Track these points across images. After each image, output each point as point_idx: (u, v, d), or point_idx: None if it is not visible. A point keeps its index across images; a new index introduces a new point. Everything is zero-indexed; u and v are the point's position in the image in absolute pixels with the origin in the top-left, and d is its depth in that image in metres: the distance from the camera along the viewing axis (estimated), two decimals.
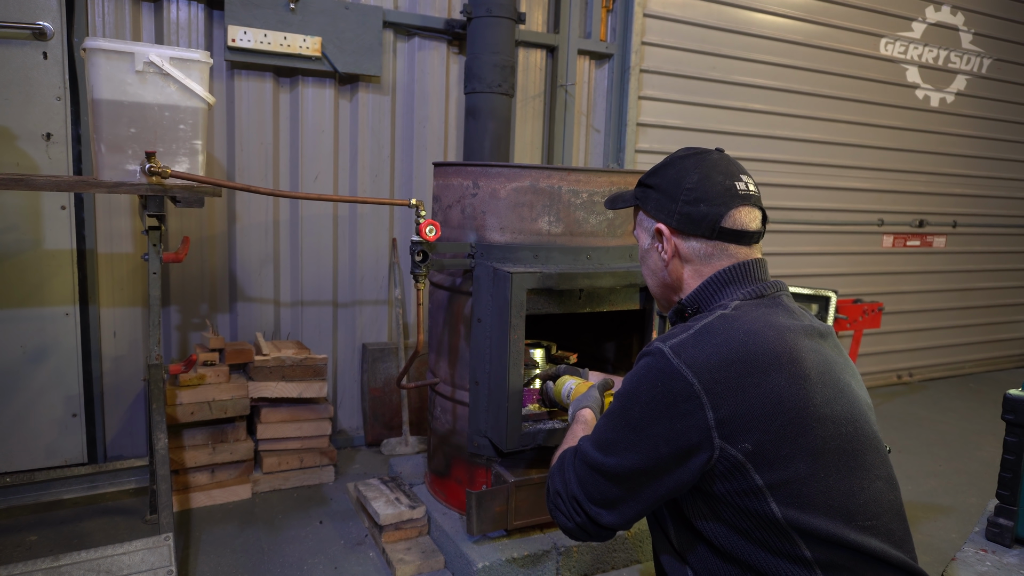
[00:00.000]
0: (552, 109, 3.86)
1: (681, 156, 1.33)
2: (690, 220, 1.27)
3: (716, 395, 1.08)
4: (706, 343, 1.13)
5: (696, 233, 1.27)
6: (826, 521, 1.07)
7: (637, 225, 1.41)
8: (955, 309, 5.65)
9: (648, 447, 1.13)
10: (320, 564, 2.50)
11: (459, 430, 2.57)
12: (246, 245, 3.28)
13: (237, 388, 2.91)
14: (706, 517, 1.16)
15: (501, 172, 2.36)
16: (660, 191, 1.31)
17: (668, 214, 1.29)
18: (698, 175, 1.27)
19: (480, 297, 2.34)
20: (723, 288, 1.27)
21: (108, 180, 2.23)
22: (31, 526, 2.64)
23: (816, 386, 1.12)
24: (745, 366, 1.10)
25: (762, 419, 1.08)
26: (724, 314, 1.19)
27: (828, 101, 4.69)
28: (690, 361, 1.11)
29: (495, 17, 3.24)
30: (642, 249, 1.39)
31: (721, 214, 1.25)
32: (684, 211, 1.27)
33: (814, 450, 1.09)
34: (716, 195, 1.26)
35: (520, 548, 2.35)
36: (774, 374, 1.10)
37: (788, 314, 1.23)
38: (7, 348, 2.74)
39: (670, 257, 1.31)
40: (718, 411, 1.08)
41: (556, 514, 1.28)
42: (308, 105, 3.33)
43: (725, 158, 1.32)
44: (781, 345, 1.13)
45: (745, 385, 1.09)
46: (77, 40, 2.76)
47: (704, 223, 1.26)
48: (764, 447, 1.07)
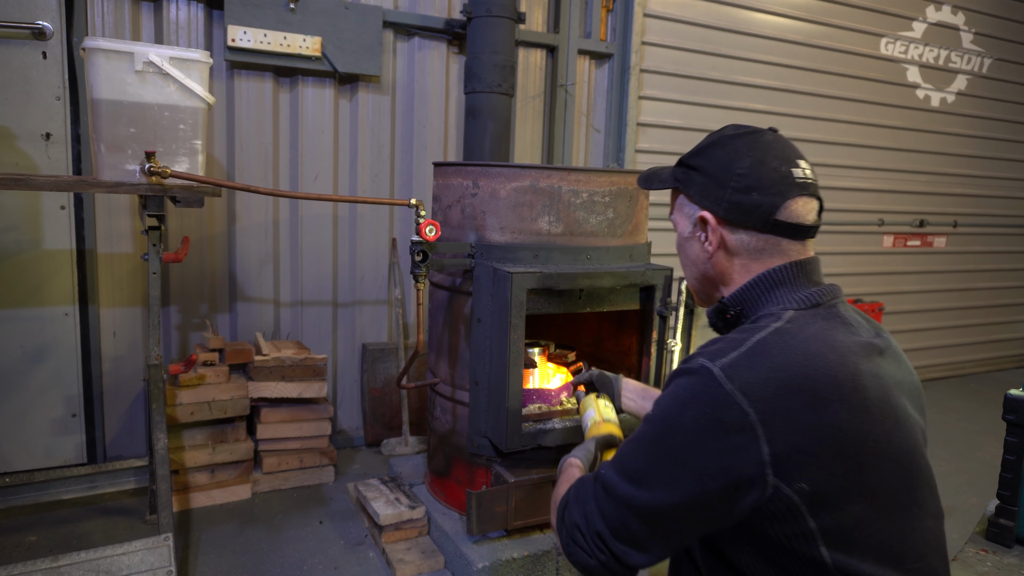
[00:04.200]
0: (552, 109, 3.86)
1: (731, 135, 1.17)
2: (740, 210, 1.12)
3: (772, 427, 0.95)
4: (761, 365, 0.99)
5: (746, 225, 1.12)
6: (876, 567, 0.99)
7: (675, 209, 1.24)
8: (955, 309, 5.64)
9: (691, 481, 0.98)
10: (320, 564, 2.50)
11: (459, 430, 2.57)
12: (246, 245, 3.28)
13: (237, 388, 2.91)
14: (742, 551, 1.05)
15: (501, 172, 2.36)
16: (706, 174, 1.15)
17: (715, 201, 1.14)
18: (751, 159, 1.12)
19: (480, 297, 2.34)
20: (773, 290, 1.13)
21: (108, 180, 2.23)
22: (30, 526, 2.64)
23: (876, 420, 1.01)
24: (805, 395, 0.97)
25: (820, 457, 0.96)
26: (779, 328, 1.05)
27: (828, 101, 4.69)
28: (745, 386, 0.97)
29: (495, 17, 3.24)
30: (681, 236, 1.24)
31: (776, 205, 1.10)
32: (734, 199, 1.12)
33: (871, 491, 0.99)
34: (771, 183, 1.10)
35: (520, 548, 2.34)
36: (835, 406, 0.98)
37: (847, 329, 1.10)
38: (7, 348, 2.74)
39: (715, 249, 1.16)
40: (774, 445, 0.95)
41: (574, 549, 1.12)
42: (308, 105, 3.33)
43: (780, 139, 1.17)
44: (843, 372, 1.00)
45: (804, 418, 0.97)
46: (77, 40, 2.76)
47: (756, 214, 1.11)
48: (821, 488, 0.96)
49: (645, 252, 2.60)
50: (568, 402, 2.64)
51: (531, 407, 2.52)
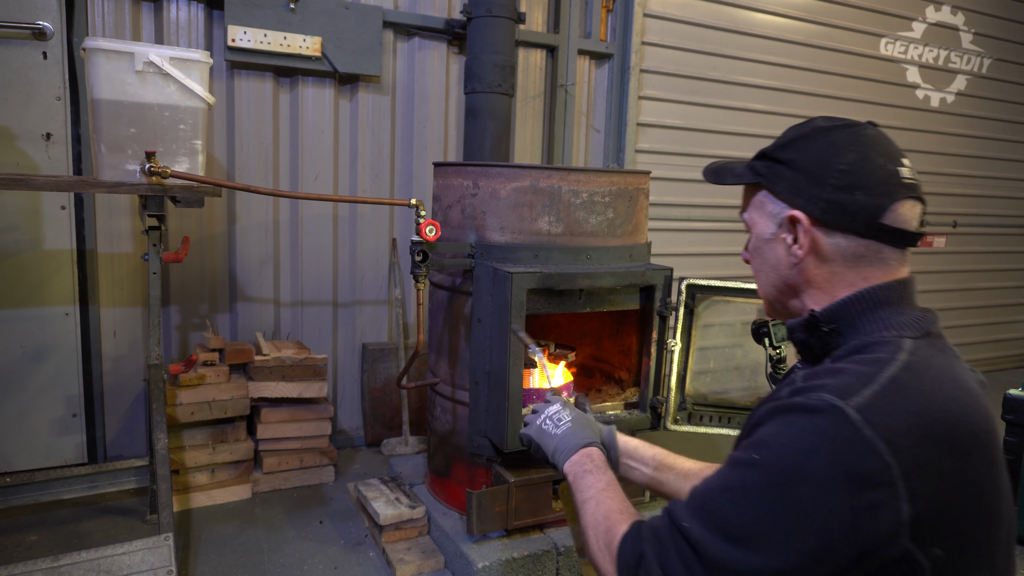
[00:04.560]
0: (552, 109, 3.86)
1: (825, 127, 1.04)
2: (841, 210, 0.99)
3: (914, 483, 0.81)
4: (899, 407, 0.84)
5: (846, 227, 0.99)
6: None
7: (752, 207, 1.11)
8: (955, 309, 5.64)
9: (813, 545, 0.82)
10: (320, 564, 2.50)
11: (459, 430, 2.57)
12: (246, 245, 3.28)
13: (237, 388, 2.91)
14: None
15: (501, 172, 2.36)
16: (798, 169, 1.03)
17: (810, 200, 1.01)
18: (854, 154, 0.99)
19: (480, 297, 2.34)
20: (877, 309, 0.99)
21: (108, 180, 2.23)
22: (31, 526, 2.64)
23: (1001, 473, 0.90)
24: (945, 446, 0.84)
25: (960, 518, 0.85)
26: (909, 363, 0.90)
27: (828, 101, 4.69)
28: (887, 433, 0.82)
29: (495, 17, 3.24)
30: (759, 238, 1.10)
31: (883, 206, 0.97)
32: (834, 198, 0.99)
33: (994, 555, 0.90)
34: (878, 182, 0.98)
35: (520, 548, 2.34)
36: (974, 459, 0.86)
37: (960, 364, 0.97)
38: (7, 348, 2.74)
39: (805, 253, 1.03)
40: (915, 504, 0.81)
41: None
42: (308, 105, 3.33)
43: (882, 134, 1.05)
44: (979, 419, 0.88)
45: (945, 471, 0.84)
46: (77, 40, 2.76)
47: (860, 216, 0.98)
48: (954, 554, 0.84)
49: (645, 252, 2.60)
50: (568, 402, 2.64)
51: (531, 407, 2.52)
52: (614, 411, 2.57)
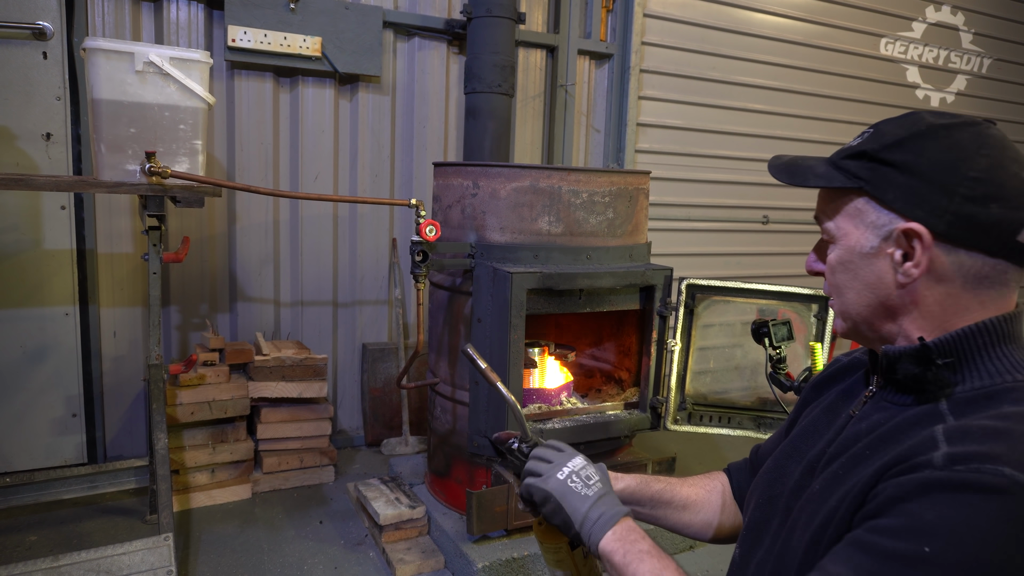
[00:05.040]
0: (552, 109, 3.86)
1: (945, 125, 0.87)
2: (972, 225, 0.83)
3: None
4: None
5: (974, 245, 0.85)
6: None
7: (842, 215, 0.93)
8: None
9: None
10: (320, 564, 2.50)
11: (459, 430, 2.57)
12: (246, 245, 3.28)
13: (237, 388, 2.91)
14: None
15: (501, 172, 2.36)
16: (917, 175, 0.86)
17: (933, 212, 0.84)
18: (987, 159, 0.84)
19: (480, 297, 2.34)
20: (1002, 344, 0.86)
21: (108, 180, 2.23)
22: (31, 526, 2.64)
23: None
24: None
25: None
26: None
27: (828, 101, 4.69)
28: None
29: (495, 17, 3.24)
30: (853, 251, 0.92)
31: (1021, 221, 0.83)
32: (964, 211, 0.83)
33: None
34: (1015, 193, 0.83)
35: (520, 548, 2.34)
36: None
37: None
38: (7, 348, 2.74)
39: (921, 272, 0.86)
40: None
41: None
42: (308, 105, 3.33)
43: (1007, 137, 0.89)
44: None
45: None
46: (77, 40, 2.76)
47: (994, 232, 0.83)
48: None
49: (645, 252, 2.60)
50: (569, 402, 2.65)
51: (531, 407, 2.53)
52: (614, 411, 2.57)
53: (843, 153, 0.94)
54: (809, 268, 1.03)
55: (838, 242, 0.94)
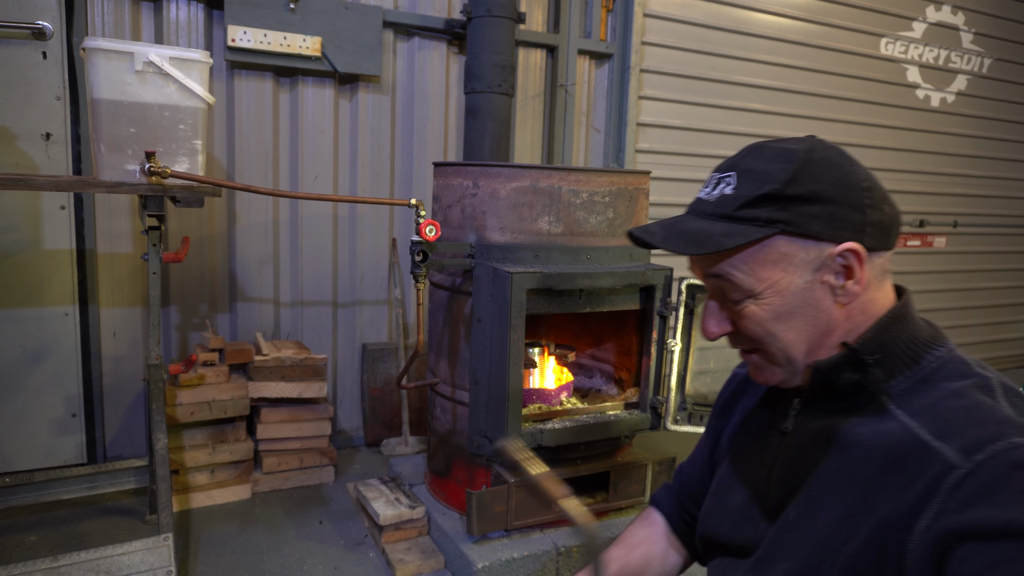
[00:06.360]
0: (552, 109, 3.86)
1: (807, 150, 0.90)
2: (881, 230, 0.89)
3: None
4: None
5: (884, 245, 0.91)
6: None
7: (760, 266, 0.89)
8: (955, 309, 5.64)
9: None
10: (320, 564, 2.50)
11: (459, 430, 2.57)
12: (246, 245, 3.28)
13: (237, 388, 2.91)
14: None
15: (501, 172, 2.36)
16: (828, 200, 0.87)
17: (856, 229, 0.87)
18: (857, 167, 0.91)
19: (480, 297, 2.34)
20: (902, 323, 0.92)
21: (108, 180, 2.23)
22: (31, 526, 2.64)
23: None
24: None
25: None
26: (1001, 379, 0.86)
27: (828, 101, 4.69)
28: None
29: (495, 17, 3.24)
30: (787, 294, 0.90)
31: (899, 213, 0.92)
32: (874, 219, 0.88)
33: None
34: (881, 187, 0.92)
35: (520, 548, 2.34)
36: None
37: None
38: (7, 348, 2.74)
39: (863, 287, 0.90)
40: None
41: None
42: (308, 105, 3.33)
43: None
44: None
45: None
46: (77, 40, 2.76)
47: (893, 229, 0.91)
48: None
49: (645, 252, 2.60)
50: (569, 402, 2.65)
51: (531, 407, 2.52)
52: (614, 411, 2.57)
53: (732, 205, 0.89)
54: (715, 334, 0.97)
55: (762, 294, 0.90)
